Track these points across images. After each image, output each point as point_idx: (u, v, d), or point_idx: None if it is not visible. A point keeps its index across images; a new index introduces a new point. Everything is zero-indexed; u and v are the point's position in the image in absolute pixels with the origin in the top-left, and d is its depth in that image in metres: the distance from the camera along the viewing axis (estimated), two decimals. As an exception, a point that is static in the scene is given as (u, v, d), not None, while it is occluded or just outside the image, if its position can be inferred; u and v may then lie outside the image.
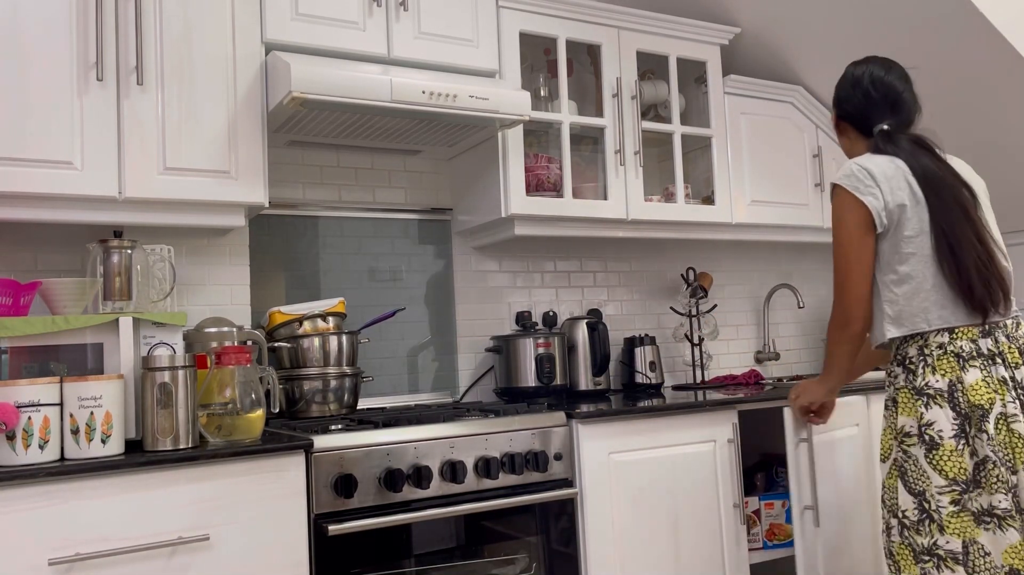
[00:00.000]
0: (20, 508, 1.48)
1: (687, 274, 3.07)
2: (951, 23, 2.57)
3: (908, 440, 1.70)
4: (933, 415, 1.66)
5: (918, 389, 1.70)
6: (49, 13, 1.82)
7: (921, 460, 1.67)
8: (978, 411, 1.64)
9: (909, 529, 1.68)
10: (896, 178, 1.75)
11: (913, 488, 1.68)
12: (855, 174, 1.77)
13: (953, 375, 1.67)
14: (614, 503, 2.11)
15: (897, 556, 1.70)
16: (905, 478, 1.70)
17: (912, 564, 1.67)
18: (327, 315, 2.26)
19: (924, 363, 1.71)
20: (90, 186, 1.84)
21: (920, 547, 1.66)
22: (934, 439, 1.65)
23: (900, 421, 1.73)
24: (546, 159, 2.56)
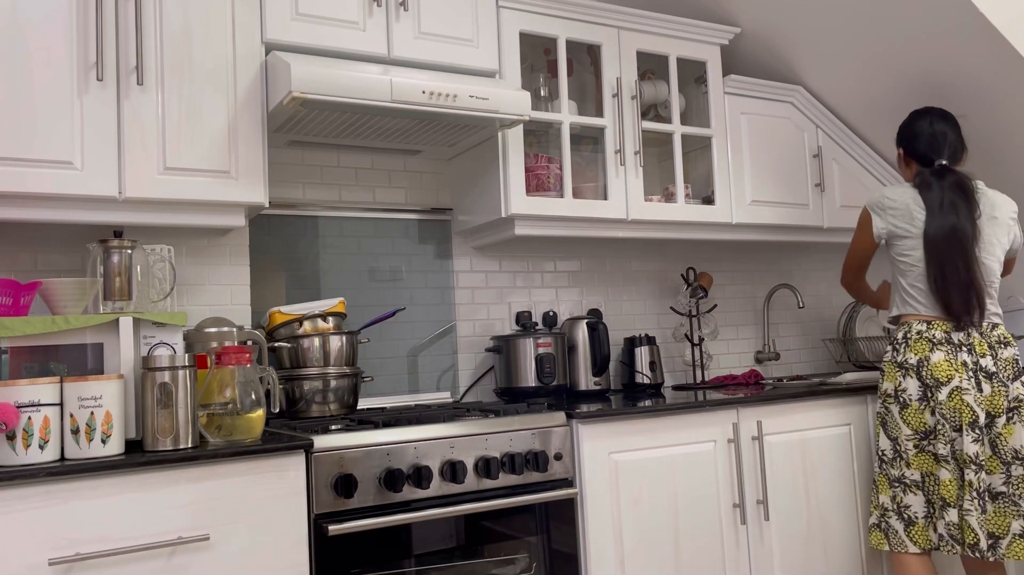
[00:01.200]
0: (20, 508, 1.48)
1: (687, 274, 3.06)
2: (951, 23, 2.57)
3: (888, 400, 2.33)
4: (907, 383, 2.28)
5: (900, 363, 2.31)
6: (49, 13, 1.82)
7: (896, 415, 2.30)
8: (935, 382, 2.23)
9: (886, 463, 2.34)
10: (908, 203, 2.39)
11: (890, 434, 2.33)
12: (876, 200, 2.46)
13: (923, 354, 2.27)
14: (614, 503, 2.11)
15: (878, 482, 2.36)
16: (885, 427, 2.34)
17: (887, 488, 2.33)
18: (327, 315, 2.26)
19: (906, 344, 2.31)
20: (90, 186, 1.84)
21: (893, 476, 2.32)
22: (906, 401, 2.28)
23: (884, 386, 2.36)
24: (546, 159, 2.56)
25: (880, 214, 2.43)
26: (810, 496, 2.44)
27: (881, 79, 2.92)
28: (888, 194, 2.43)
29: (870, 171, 3.20)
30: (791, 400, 2.45)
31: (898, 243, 2.40)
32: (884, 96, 2.98)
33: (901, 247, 2.39)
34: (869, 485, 2.56)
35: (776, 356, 3.26)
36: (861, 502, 2.54)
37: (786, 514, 2.39)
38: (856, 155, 3.17)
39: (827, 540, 2.46)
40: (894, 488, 2.30)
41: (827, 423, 2.52)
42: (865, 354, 3.19)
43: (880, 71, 2.89)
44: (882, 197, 2.44)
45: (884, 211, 2.43)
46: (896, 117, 3.02)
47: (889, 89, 2.94)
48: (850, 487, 2.53)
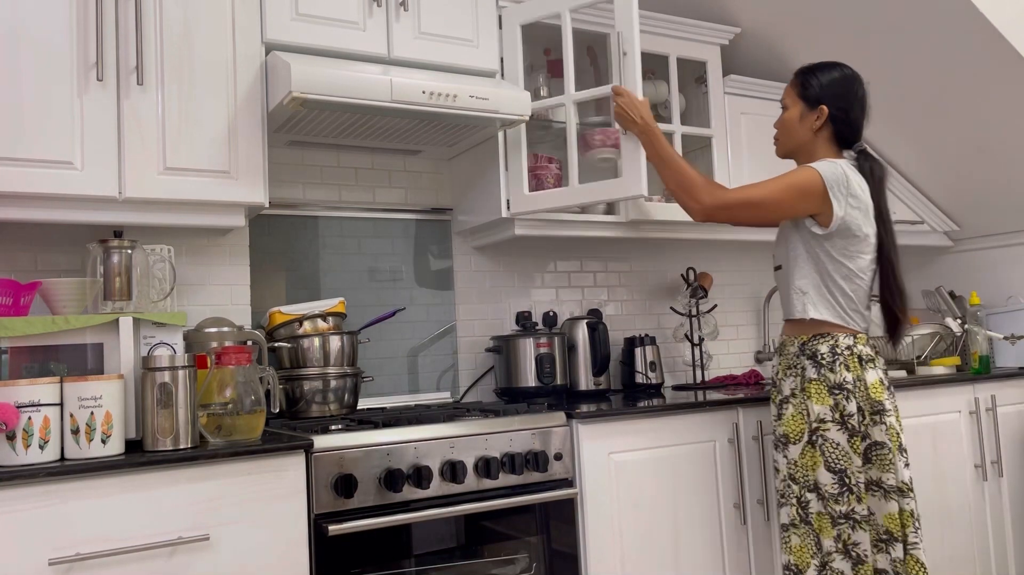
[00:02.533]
0: (20, 508, 1.48)
1: (687, 274, 3.06)
2: (951, 23, 2.57)
3: (824, 426, 1.97)
4: (851, 407, 1.96)
5: (835, 384, 1.97)
6: (49, 13, 1.82)
7: (843, 444, 1.95)
8: (877, 405, 1.98)
9: (829, 500, 1.95)
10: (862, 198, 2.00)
11: (833, 467, 1.95)
12: (839, 179, 1.98)
13: (856, 373, 1.98)
14: (614, 503, 2.11)
15: (816, 524, 1.97)
16: (825, 458, 1.96)
17: (830, 528, 1.96)
18: (327, 315, 2.26)
19: (837, 361, 1.98)
20: (90, 186, 1.84)
21: (838, 513, 1.95)
22: (854, 427, 1.95)
23: (815, 409, 1.98)
24: (546, 159, 2.56)
25: (841, 198, 1.98)
26: (810, 496, 2.44)
27: (881, 79, 2.92)
28: (852, 176, 2.01)
29: (870, 171, 3.19)
30: (791, 400, 2.44)
31: (846, 240, 2.00)
32: (884, 96, 2.98)
33: (849, 245, 2.00)
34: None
35: (776, 356, 3.26)
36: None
37: (786, 514, 2.39)
38: (856, 155, 3.17)
39: (827, 540, 2.45)
40: (839, 526, 1.94)
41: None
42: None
43: (880, 71, 2.88)
44: (845, 176, 1.99)
45: (847, 196, 1.99)
46: (896, 117, 3.02)
47: (889, 89, 2.94)
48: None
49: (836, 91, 2.08)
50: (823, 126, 2.08)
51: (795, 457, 2.00)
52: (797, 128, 2.11)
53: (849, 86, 2.09)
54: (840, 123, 2.08)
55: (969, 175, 3.09)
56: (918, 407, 2.68)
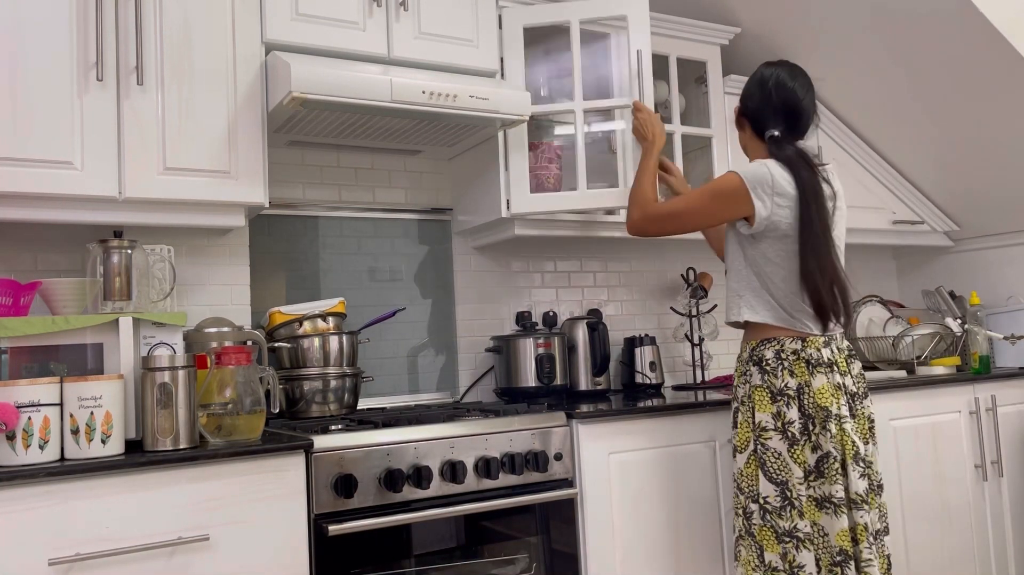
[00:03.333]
0: (20, 508, 1.48)
1: (687, 274, 3.06)
2: (951, 23, 2.57)
3: (765, 435, 1.90)
4: (792, 414, 1.88)
5: (778, 390, 1.90)
6: (49, 13, 1.82)
7: (784, 454, 1.87)
8: (823, 412, 1.87)
9: (771, 513, 1.87)
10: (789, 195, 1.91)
11: (774, 478, 1.87)
12: (762, 178, 1.92)
13: (803, 379, 1.89)
14: (614, 503, 2.11)
15: (759, 537, 1.89)
16: (765, 468, 1.89)
17: (775, 544, 1.87)
18: (327, 315, 2.26)
19: (781, 366, 1.91)
20: (90, 186, 1.84)
21: (782, 530, 1.86)
22: (794, 435, 1.87)
23: (758, 417, 1.91)
24: (546, 159, 2.55)
25: (765, 198, 1.91)
26: (810, 496, 2.44)
27: (881, 79, 2.92)
28: (775, 172, 1.93)
29: (870, 171, 3.20)
30: (791, 400, 2.44)
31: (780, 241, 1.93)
32: (884, 96, 2.98)
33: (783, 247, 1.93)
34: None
35: (776, 356, 3.26)
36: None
37: (786, 514, 2.39)
38: (856, 155, 3.17)
39: (827, 540, 2.45)
40: (784, 544, 1.85)
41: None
42: (865, 354, 3.19)
43: (880, 71, 2.89)
44: (769, 175, 1.92)
45: (772, 195, 1.92)
46: (896, 117, 3.02)
47: (888, 89, 2.94)
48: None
49: (745, 95, 2.09)
50: (742, 126, 2.10)
51: (740, 466, 1.94)
52: (745, 144, 2.12)
53: (753, 83, 2.07)
54: (751, 119, 2.07)
55: (969, 175, 3.09)
56: (918, 407, 2.68)
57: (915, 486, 2.62)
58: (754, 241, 1.96)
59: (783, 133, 2.00)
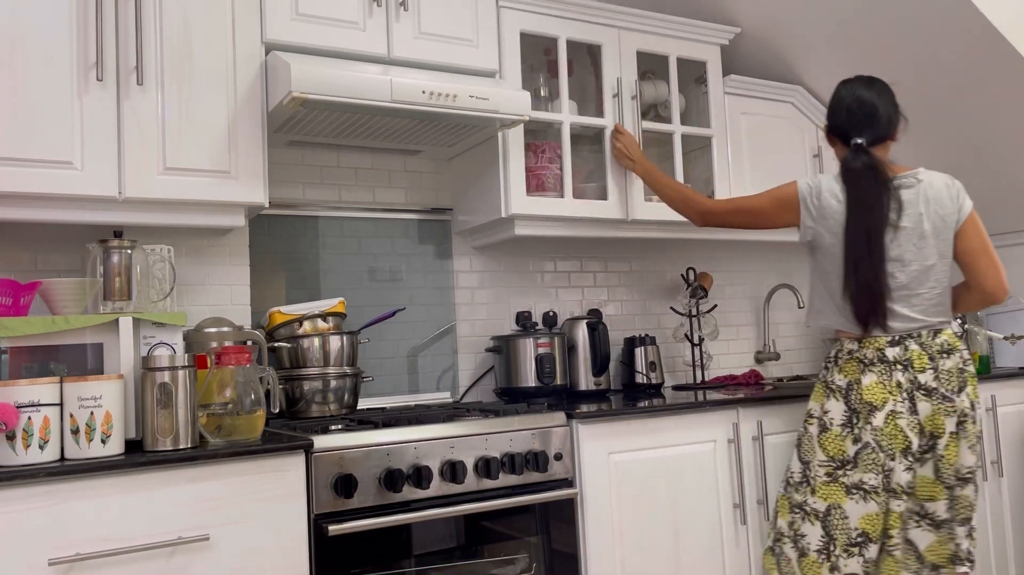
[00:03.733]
0: (20, 508, 1.48)
1: (687, 274, 3.07)
2: (951, 23, 2.57)
3: (809, 420, 2.14)
4: (831, 406, 2.08)
5: (827, 383, 2.12)
6: (49, 13, 1.82)
7: (814, 438, 2.09)
8: (867, 407, 2.02)
9: (791, 486, 2.13)
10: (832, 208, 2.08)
11: (803, 457, 2.12)
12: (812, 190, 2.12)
13: (853, 376, 2.06)
14: (614, 503, 2.11)
15: (778, 504, 2.16)
16: (799, 448, 2.14)
17: (787, 512, 2.12)
18: (327, 315, 2.26)
19: (835, 364, 2.12)
20: (90, 186, 1.84)
21: (795, 502, 2.10)
22: (826, 424, 2.08)
23: (809, 405, 2.16)
24: (546, 159, 2.56)
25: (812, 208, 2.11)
26: (810, 496, 2.44)
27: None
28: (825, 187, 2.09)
29: (870, 171, 3.19)
30: (791, 400, 2.45)
31: (822, 249, 2.11)
32: (884, 96, 2.98)
33: (825, 254, 2.10)
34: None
35: (776, 356, 3.26)
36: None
37: (786, 514, 2.39)
38: (856, 155, 3.16)
39: (827, 540, 2.45)
40: (793, 514, 2.09)
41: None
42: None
43: (880, 71, 2.88)
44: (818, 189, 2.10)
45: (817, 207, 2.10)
46: (896, 117, 3.02)
47: (889, 89, 2.94)
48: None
49: (828, 113, 2.21)
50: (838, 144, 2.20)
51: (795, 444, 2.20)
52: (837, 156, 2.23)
53: (833, 100, 2.19)
54: (837, 135, 2.18)
55: (969, 175, 3.09)
56: (918, 407, 2.68)
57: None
58: (812, 251, 2.16)
59: (868, 141, 2.10)
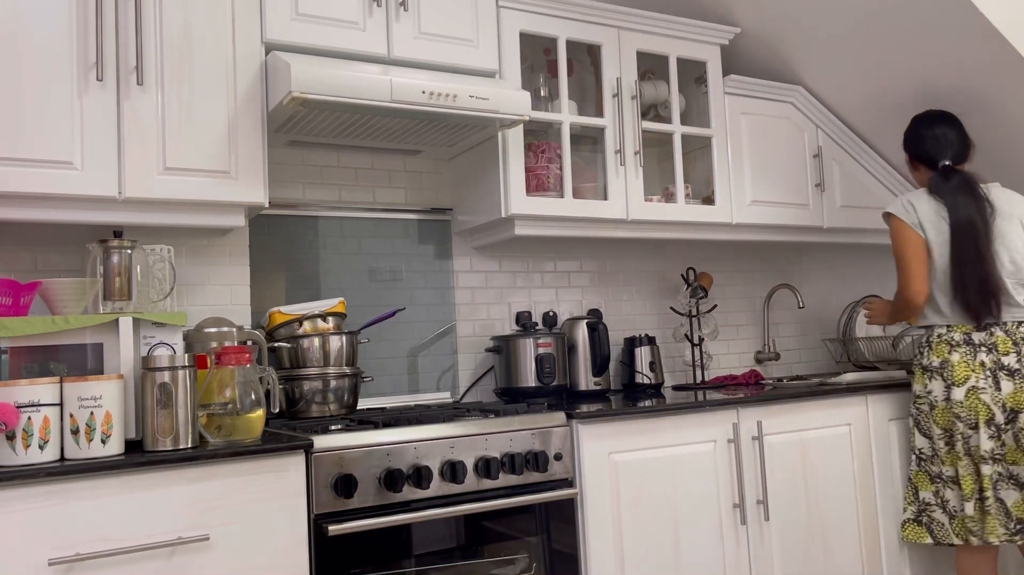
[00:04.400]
0: (20, 508, 1.48)
1: (687, 274, 3.06)
2: (951, 23, 2.57)
3: (919, 401, 2.46)
4: (933, 385, 2.41)
5: (924, 366, 2.45)
6: (49, 13, 1.82)
7: (928, 416, 2.43)
8: (953, 383, 2.35)
9: (924, 461, 2.46)
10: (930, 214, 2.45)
11: (925, 433, 2.46)
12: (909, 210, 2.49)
13: (943, 357, 2.40)
14: (614, 503, 2.11)
15: (915, 479, 2.48)
16: (919, 426, 2.47)
17: (928, 484, 2.45)
18: (327, 315, 2.26)
19: (928, 347, 2.45)
20: (90, 186, 1.84)
21: (934, 473, 2.44)
22: (933, 402, 2.41)
23: (914, 387, 2.49)
24: (546, 159, 2.56)
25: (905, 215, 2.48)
26: (810, 496, 2.44)
27: (881, 79, 2.92)
28: (911, 199, 2.50)
29: (870, 171, 3.20)
30: (791, 400, 2.45)
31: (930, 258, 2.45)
32: (884, 96, 2.98)
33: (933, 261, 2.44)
34: (869, 484, 2.55)
35: (776, 356, 3.26)
36: (861, 502, 2.54)
37: (786, 514, 2.39)
38: (856, 155, 3.17)
39: (827, 540, 2.45)
40: (936, 483, 2.43)
41: (827, 423, 2.52)
42: (865, 354, 3.19)
43: (880, 71, 2.89)
44: (905, 202, 2.50)
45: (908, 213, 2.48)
46: (896, 117, 3.02)
47: (889, 89, 2.94)
48: (850, 487, 2.53)
49: (907, 138, 2.63)
50: (918, 165, 2.61)
51: (910, 427, 2.53)
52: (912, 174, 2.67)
53: (912, 127, 2.62)
54: (919, 158, 2.59)
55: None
56: (918, 407, 2.68)
57: (915, 486, 2.62)
58: None
59: (953, 160, 2.53)
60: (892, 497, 2.59)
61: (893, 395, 2.64)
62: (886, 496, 2.58)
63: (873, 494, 2.55)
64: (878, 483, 2.57)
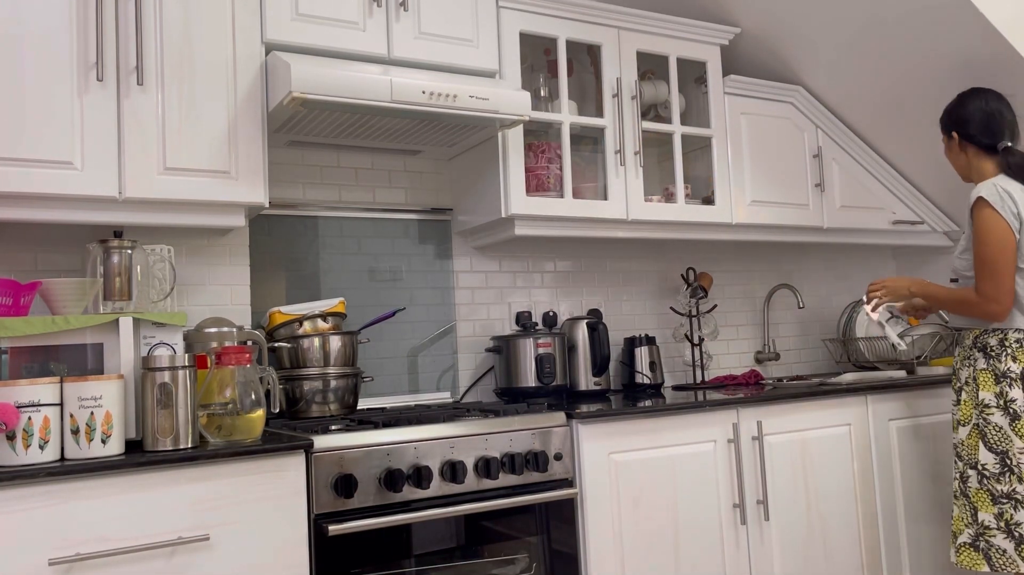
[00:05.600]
0: (20, 508, 1.48)
1: (687, 274, 3.07)
2: (951, 23, 2.57)
3: (988, 411, 2.20)
4: (1015, 394, 2.16)
5: (1001, 372, 2.19)
6: (49, 13, 1.82)
7: (1006, 428, 2.16)
8: None
9: (989, 478, 2.18)
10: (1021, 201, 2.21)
11: (995, 448, 2.18)
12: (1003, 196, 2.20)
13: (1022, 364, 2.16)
14: (614, 503, 2.11)
15: (974, 499, 2.21)
16: (986, 439, 2.20)
17: (990, 505, 2.18)
18: (327, 315, 2.26)
19: (1005, 352, 2.20)
20: (90, 186, 1.84)
21: (999, 492, 2.16)
22: (1016, 412, 2.15)
23: (981, 395, 2.21)
24: (546, 159, 2.56)
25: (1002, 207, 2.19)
26: (810, 496, 2.44)
27: (881, 79, 2.92)
28: (1003, 185, 2.21)
29: (870, 171, 3.20)
30: (791, 400, 2.45)
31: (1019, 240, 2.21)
32: (884, 96, 2.98)
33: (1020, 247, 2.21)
34: (869, 484, 2.55)
35: (776, 356, 3.27)
36: (861, 502, 2.54)
37: (786, 514, 2.39)
38: (856, 155, 3.17)
39: (827, 540, 2.46)
40: (1000, 504, 2.16)
41: (827, 423, 2.52)
42: (865, 354, 3.20)
43: (880, 71, 2.89)
44: (1001, 190, 2.21)
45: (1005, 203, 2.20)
46: (896, 117, 3.02)
47: (889, 89, 2.94)
48: (850, 487, 2.53)
49: (962, 120, 2.37)
50: (966, 146, 2.37)
51: (962, 438, 2.26)
52: (951, 156, 2.44)
53: (961, 103, 2.39)
54: (971, 139, 2.35)
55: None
56: (919, 407, 2.68)
57: (915, 484, 2.62)
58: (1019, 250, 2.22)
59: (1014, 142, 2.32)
60: (892, 497, 2.58)
61: (893, 395, 2.64)
62: (886, 496, 2.58)
63: (873, 494, 2.55)
64: (878, 483, 2.57)
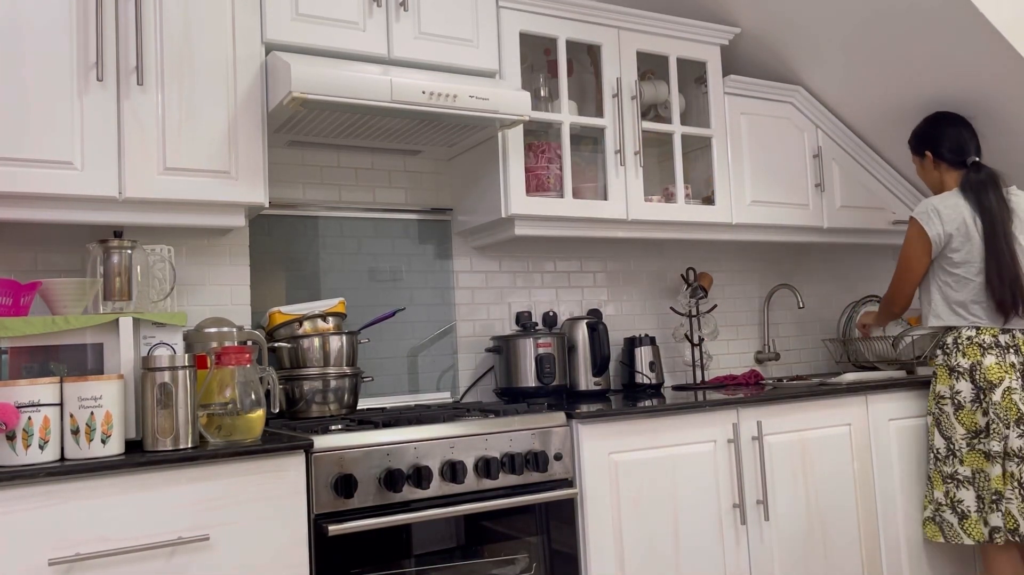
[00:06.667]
0: (20, 508, 1.48)
1: (687, 274, 3.07)
2: (951, 23, 2.57)
3: (942, 401, 2.50)
4: (961, 386, 2.46)
5: (951, 367, 2.48)
6: (49, 13, 1.82)
7: (951, 416, 2.47)
8: (989, 384, 2.41)
9: (940, 460, 2.51)
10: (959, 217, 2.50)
11: (944, 434, 2.49)
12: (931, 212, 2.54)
13: (975, 359, 2.45)
14: (614, 503, 2.11)
15: (932, 478, 2.53)
16: (939, 426, 2.51)
17: (941, 483, 2.50)
18: (327, 315, 2.26)
19: (957, 349, 2.48)
20: (90, 186, 1.84)
21: (946, 473, 2.49)
22: (960, 403, 2.46)
23: (937, 388, 2.53)
24: (546, 159, 2.56)
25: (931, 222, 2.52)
26: (810, 496, 2.44)
27: (882, 79, 2.92)
28: (938, 206, 2.53)
29: (870, 171, 3.20)
30: (791, 400, 2.45)
31: (950, 252, 2.50)
32: (884, 96, 2.98)
33: (954, 256, 2.50)
34: (869, 484, 2.56)
35: (776, 356, 3.27)
36: (861, 502, 2.54)
37: (786, 514, 2.39)
38: (856, 155, 3.17)
39: (827, 540, 2.46)
40: (947, 484, 2.47)
41: (827, 423, 2.52)
42: (864, 354, 3.20)
43: (881, 71, 2.89)
44: (931, 210, 2.53)
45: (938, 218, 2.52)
46: (896, 118, 3.02)
47: (889, 89, 2.94)
48: (849, 487, 2.53)
49: (931, 139, 2.68)
50: (939, 164, 2.67)
51: (928, 426, 2.56)
52: (923, 174, 2.74)
53: (933, 125, 2.70)
54: (943, 157, 2.64)
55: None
56: (918, 406, 2.68)
57: (915, 484, 2.62)
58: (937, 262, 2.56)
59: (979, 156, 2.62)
60: (892, 497, 2.58)
61: (893, 395, 2.64)
62: (886, 496, 2.58)
63: (873, 494, 2.55)
64: (878, 483, 2.57)
